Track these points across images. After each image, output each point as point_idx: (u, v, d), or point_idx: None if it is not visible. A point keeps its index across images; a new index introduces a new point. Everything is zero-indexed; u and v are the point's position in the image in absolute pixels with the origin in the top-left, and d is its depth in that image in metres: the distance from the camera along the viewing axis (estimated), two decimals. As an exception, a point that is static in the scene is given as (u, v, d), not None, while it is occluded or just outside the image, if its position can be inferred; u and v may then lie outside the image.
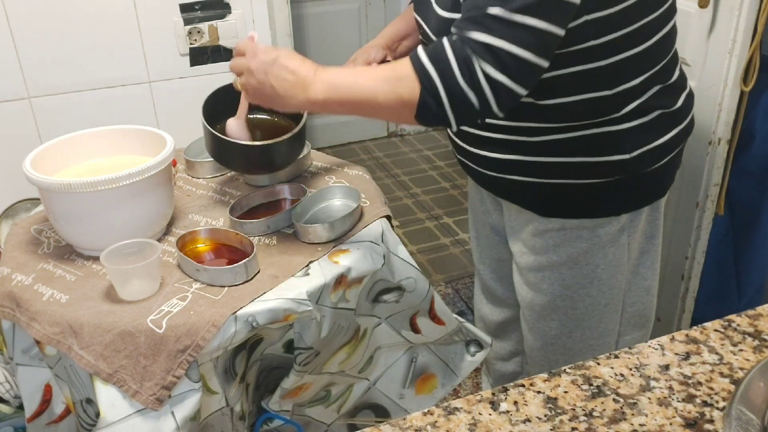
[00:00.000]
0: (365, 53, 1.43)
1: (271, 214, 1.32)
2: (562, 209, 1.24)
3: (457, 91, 0.99)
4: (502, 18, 0.97)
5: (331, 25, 3.55)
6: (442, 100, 1.00)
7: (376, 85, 1.04)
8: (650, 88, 1.17)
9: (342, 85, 1.06)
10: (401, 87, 1.03)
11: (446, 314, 1.40)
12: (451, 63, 0.99)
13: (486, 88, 0.99)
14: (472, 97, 0.99)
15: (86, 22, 1.73)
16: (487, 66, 0.98)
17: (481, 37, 0.98)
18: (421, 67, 1.01)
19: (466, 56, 0.98)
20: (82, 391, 1.15)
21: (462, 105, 1.00)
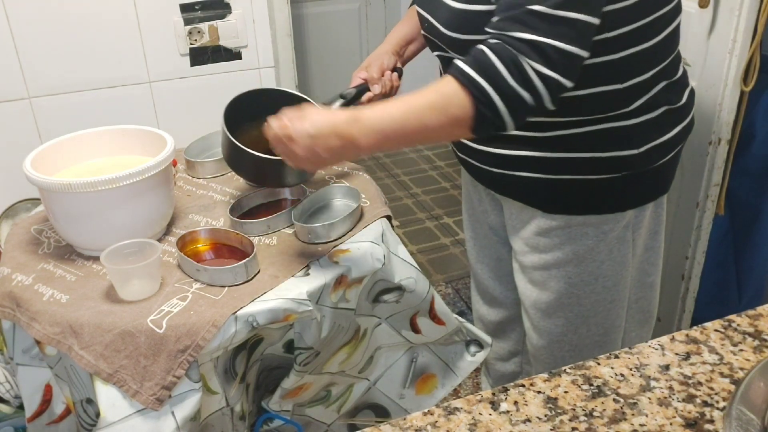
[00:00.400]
0: (378, 60, 1.41)
1: (271, 214, 1.32)
2: (567, 206, 1.24)
3: (512, 93, 0.99)
4: (544, 14, 0.97)
5: (331, 25, 3.55)
6: (498, 106, 0.99)
7: (425, 115, 1.02)
8: (657, 84, 1.18)
9: (389, 128, 1.02)
10: (451, 108, 1.01)
11: (446, 314, 1.40)
12: (499, 67, 0.98)
13: (539, 84, 0.99)
14: (527, 96, 0.99)
15: (86, 22, 1.73)
16: (535, 63, 0.98)
17: (525, 35, 0.98)
18: (469, 79, 1.00)
19: (513, 57, 0.98)
20: (83, 391, 1.15)
21: (518, 106, 1.00)
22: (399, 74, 1.44)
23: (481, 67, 0.99)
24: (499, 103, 0.99)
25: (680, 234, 1.86)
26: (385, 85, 1.40)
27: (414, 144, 1.09)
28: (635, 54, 1.12)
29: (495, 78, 0.98)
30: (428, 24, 1.22)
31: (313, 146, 1.02)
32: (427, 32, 1.25)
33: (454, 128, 1.03)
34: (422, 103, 1.02)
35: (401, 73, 1.44)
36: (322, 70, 3.57)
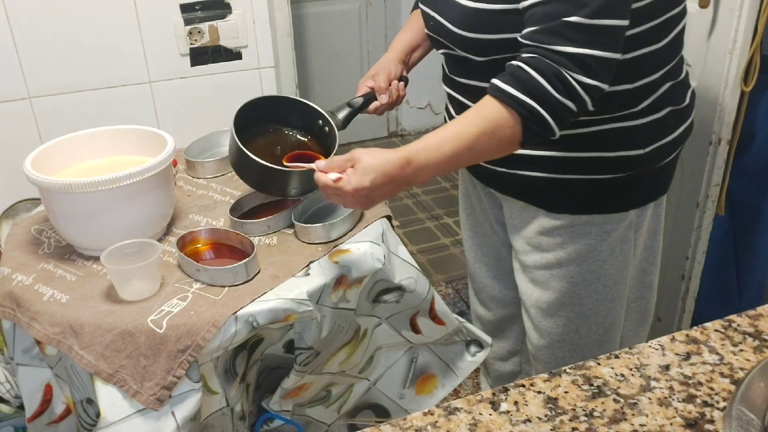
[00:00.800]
0: (386, 70, 1.41)
1: (271, 214, 1.32)
2: (572, 205, 1.24)
3: (559, 106, 1.02)
4: (582, 24, 0.99)
5: (331, 25, 3.55)
6: (547, 120, 1.03)
7: (476, 145, 1.04)
8: (663, 84, 1.19)
9: (442, 164, 1.05)
10: (501, 131, 1.03)
11: (446, 314, 1.40)
12: (544, 84, 1.01)
13: (582, 94, 1.02)
14: (571, 105, 1.02)
15: (86, 22, 1.73)
16: (578, 75, 1.01)
17: (565, 48, 1.00)
18: (514, 99, 1.02)
19: (555, 71, 1.00)
20: (83, 391, 1.15)
21: (564, 115, 1.03)
22: (405, 83, 1.44)
23: (524, 85, 1.02)
24: (548, 118, 1.02)
25: (680, 234, 1.86)
26: (392, 94, 1.41)
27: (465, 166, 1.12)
28: (646, 55, 1.13)
29: (540, 94, 1.01)
30: (435, 22, 1.22)
31: (369, 195, 1.04)
32: (432, 31, 1.25)
33: (503, 147, 1.07)
34: (471, 132, 1.04)
35: (407, 82, 1.45)
36: (322, 70, 3.57)
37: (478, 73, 1.20)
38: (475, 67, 1.19)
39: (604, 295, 1.31)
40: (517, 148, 1.07)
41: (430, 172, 1.05)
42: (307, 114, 1.39)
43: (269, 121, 1.41)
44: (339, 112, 1.38)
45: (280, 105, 1.41)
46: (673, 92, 1.21)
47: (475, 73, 1.21)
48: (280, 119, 1.41)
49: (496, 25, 1.10)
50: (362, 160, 1.03)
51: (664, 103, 1.20)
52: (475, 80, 1.23)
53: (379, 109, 1.42)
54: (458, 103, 1.29)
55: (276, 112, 1.41)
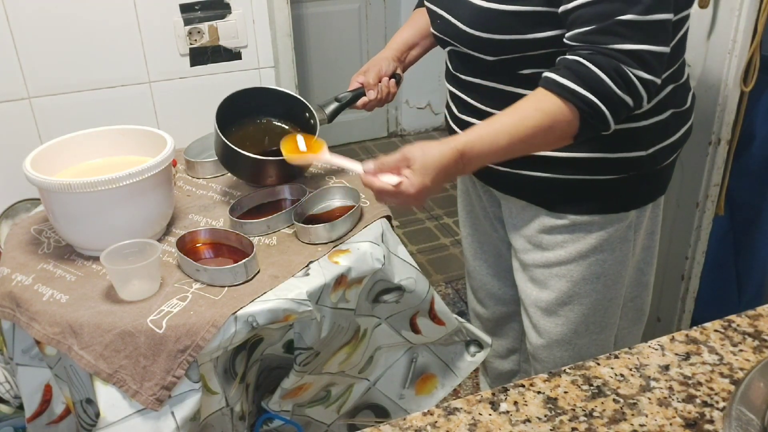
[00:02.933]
0: (377, 66, 1.42)
1: (271, 214, 1.32)
2: (573, 205, 1.25)
3: (618, 101, 1.02)
4: (636, 21, 0.99)
5: (331, 25, 3.55)
6: (606, 115, 1.03)
7: (531, 139, 1.05)
8: (666, 87, 1.19)
9: (495, 156, 1.07)
10: (558, 125, 1.04)
11: (446, 314, 1.40)
12: (605, 79, 1.01)
13: (641, 89, 1.03)
14: (629, 101, 1.03)
15: (86, 22, 1.73)
16: (637, 71, 1.01)
17: (623, 45, 1.00)
18: (573, 94, 1.02)
19: (616, 66, 1.01)
20: (82, 391, 1.15)
21: (622, 110, 1.04)
22: (397, 81, 1.44)
23: (585, 80, 1.02)
24: (606, 113, 1.03)
25: (680, 234, 1.86)
26: (381, 91, 1.41)
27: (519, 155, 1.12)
28: None
29: (601, 89, 1.01)
30: (443, 21, 1.22)
31: (430, 193, 1.05)
32: (440, 30, 1.24)
33: (557, 141, 1.08)
34: (528, 125, 1.05)
35: (399, 80, 1.45)
36: (322, 70, 3.57)
37: (485, 71, 1.21)
38: (482, 65, 1.19)
39: (604, 294, 1.31)
40: (569, 143, 1.08)
41: (481, 163, 1.07)
42: (294, 106, 1.42)
43: (256, 114, 1.43)
44: (327, 107, 1.41)
45: (266, 98, 1.44)
46: (675, 94, 1.22)
47: (482, 71, 1.21)
48: (267, 112, 1.44)
49: (508, 25, 1.10)
50: (418, 159, 1.03)
51: (666, 105, 1.20)
52: (481, 79, 1.23)
53: (368, 105, 1.43)
54: (461, 102, 1.29)
55: (262, 106, 1.43)
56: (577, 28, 1.03)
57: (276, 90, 1.47)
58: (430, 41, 1.44)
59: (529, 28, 1.09)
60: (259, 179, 1.40)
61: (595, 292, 1.30)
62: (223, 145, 1.32)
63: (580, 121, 1.04)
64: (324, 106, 1.41)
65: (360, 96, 1.43)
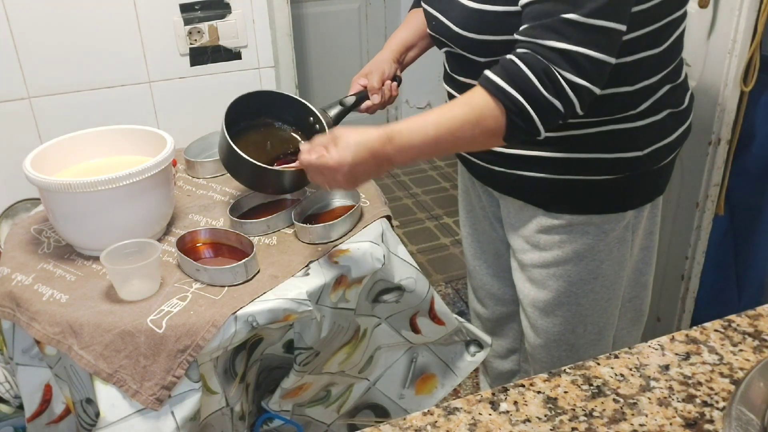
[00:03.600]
0: (379, 70, 1.41)
1: (271, 214, 1.32)
2: (570, 205, 1.25)
3: (544, 103, 1.01)
4: (578, 23, 0.98)
5: (331, 25, 3.55)
6: (531, 115, 1.01)
7: (458, 130, 1.04)
8: (663, 87, 1.19)
9: (423, 144, 1.05)
10: (485, 121, 1.03)
11: (446, 314, 1.40)
12: (532, 78, 1.00)
13: (570, 93, 1.00)
14: (558, 105, 1.01)
15: (86, 22, 1.73)
16: (566, 73, 0.99)
17: (558, 44, 0.99)
18: (500, 90, 1.01)
19: (545, 67, 0.99)
20: (82, 391, 1.15)
21: (550, 114, 1.02)
22: (398, 83, 1.44)
23: (513, 77, 1.01)
24: (532, 113, 1.01)
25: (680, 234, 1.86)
26: (384, 94, 1.41)
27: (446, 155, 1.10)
28: (646, 58, 1.14)
29: (528, 89, 1.00)
30: (437, 22, 1.22)
31: (352, 171, 1.03)
32: (434, 30, 1.25)
33: (486, 139, 1.06)
34: (455, 117, 1.04)
35: (400, 82, 1.45)
36: (322, 70, 3.57)
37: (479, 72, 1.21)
38: (476, 66, 1.19)
39: (601, 294, 1.31)
40: (500, 143, 1.06)
41: (411, 153, 1.05)
42: (299, 110, 1.39)
43: (260, 117, 1.41)
44: (330, 110, 1.39)
45: (272, 101, 1.41)
46: (672, 95, 1.22)
47: (476, 72, 1.21)
48: (271, 115, 1.42)
49: (497, 26, 1.10)
50: (343, 136, 1.04)
51: (663, 106, 1.20)
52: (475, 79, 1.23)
53: (371, 109, 1.42)
54: None
55: (268, 108, 1.41)
56: (525, 24, 1.03)
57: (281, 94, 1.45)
58: (427, 42, 1.44)
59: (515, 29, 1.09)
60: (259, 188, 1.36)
61: (592, 292, 1.30)
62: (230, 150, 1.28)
63: (506, 119, 1.02)
64: (327, 110, 1.40)
65: (363, 99, 1.41)
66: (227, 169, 1.34)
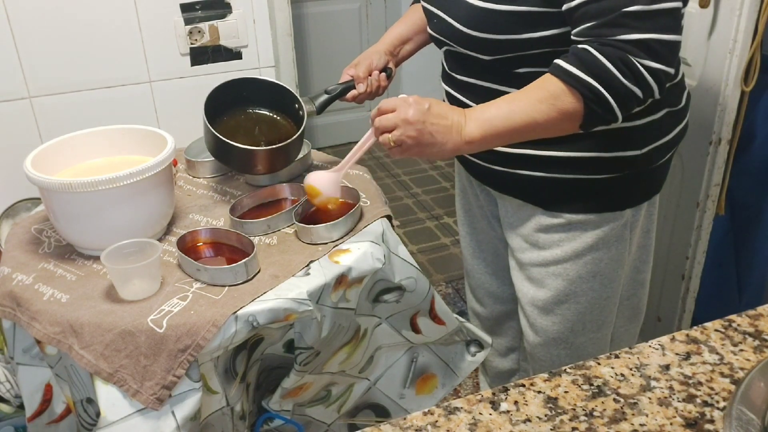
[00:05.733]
0: (367, 60, 1.43)
1: (271, 214, 1.32)
2: (569, 204, 1.25)
3: (624, 91, 1.02)
4: (643, 12, 0.99)
5: (332, 25, 3.55)
6: (611, 104, 1.03)
7: (533, 108, 1.05)
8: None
9: (496, 116, 1.07)
10: (560, 103, 1.04)
11: (446, 314, 1.40)
12: (610, 68, 1.01)
13: (649, 79, 1.02)
14: (637, 91, 1.03)
15: (87, 22, 1.73)
16: (644, 60, 1.01)
17: (630, 36, 1.00)
18: (577, 80, 1.03)
19: (622, 56, 1.00)
20: (83, 391, 1.15)
21: (629, 101, 1.04)
22: (388, 75, 1.45)
23: (589, 67, 1.02)
24: (611, 101, 1.03)
25: (680, 234, 1.86)
26: (371, 84, 1.42)
27: (520, 138, 1.11)
28: None
29: (608, 79, 1.01)
30: (439, 20, 1.22)
31: (425, 120, 1.07)
32: (436, 30, 1.24)
33: (563, 122, 1.06)
34: (529, 97, 1.06)
35: (390, 74, 1.46)
36: (322, 70, 3.57)
37: (481, 71, 1.21)
38: (478, 65, 1.19)
39: (600, 293, 1.31)
40: (576, 129, 1.07)
41: (483, 126, 1.07)
42: (284, 97, 1.44)
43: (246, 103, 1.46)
44: (317, 99, 1.42)
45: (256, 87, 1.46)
46: (669, 94, 1.21)
47: (478, 71, 1.22)
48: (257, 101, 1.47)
49: (505, 25, 1.10)
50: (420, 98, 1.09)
51: (661, 105, 1.20)
52: (476, 78, 1.23)
53: (357, 98, 1.44)
54: (457, 102, 1.30)
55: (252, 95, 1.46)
56: (584, 24, 1.03)
57: (265, 80, 1.48)
58: (424, 37, 1.44)
59: (526, 28, 1.09)
60: (249, 169, 1.41)
61: (591, 290, 1.31)
62: (212, 135, 1.34)
63: (584, 107, 1.04)
64: (314, 98, 1.43)
65: (350, 89, 1.44)
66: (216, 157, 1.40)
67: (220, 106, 1.40)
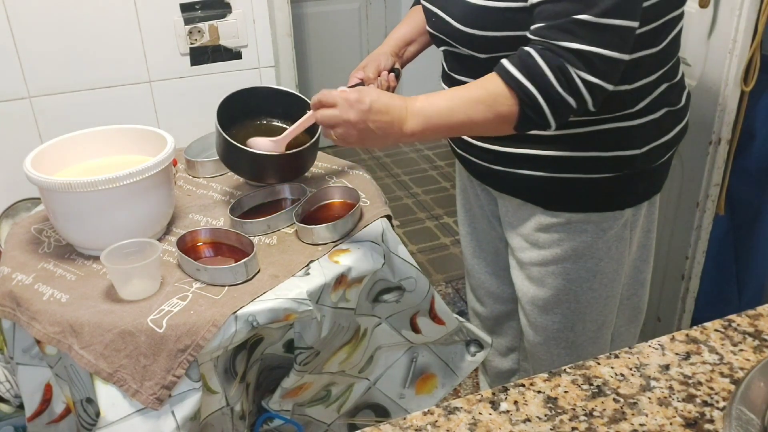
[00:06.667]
0: (375, 61, 1.42)
1: (271, 214, 1.32)
2: (568, 203, 1.25)
3: (557, 98, 1.03)
4: (590, 23, 1.00)
5: (332, 25, 3.55)
6: (543, 109, 1.04)
7: (472, 108, 1.07)
8: (660, 86, 1.20)
9: (437, 114, 1.09)
10: (498, 105, 1.05)
11: (446, 314, 1.40)
12: (547, 73, 1.02)
13: (584, 91, 1.03)
14: (571, 101, 1.03)
15: (87, 21, 1.73)
16: (581, 72, 1.01)
17: (572, 44, 1.01)
18: (516, 82, 1.04)
19: (560, 65, 1.01)
20: (83, 391, 1.15)
21: (562, 109, 1.04)
22: (396, 75, 1.44)
23: (529, 71, 1.03)
24: (544, 107, 1.03)
25: (680, 234, 1.86)
26: (381, 85, 1.41)
27: (458, 134, 1.13)
28: (645, 56, 1.14)
29: (542, 83, 1.02)
30: (437, 19, 1.22)
31: (366, 121, 1.07)
32: (434, 28, 1.25)
33: (498, 124, 1.08)
34: (469, 96, 1.07)
35: (398, 74, 1.45)
36: (322, 70, 3.57)
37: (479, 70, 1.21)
38: (476, 64, 1.19)
39: (600, 292, 1.31)
40: (510, 131, 1.08)
41: (422, 122, 1.08)
42: (294, 104, 1.43)
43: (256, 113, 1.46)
44: None
45: (268, 96, 1.45)
46: (669, 93, 1.22)
47: (476, 70, 1.21)
48: (266, 111, 1.46)
49: (500, 22, 1.11)
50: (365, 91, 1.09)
51: (660, 104, 1.21)
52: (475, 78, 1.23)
53: None
54: None
55: (264, 104, 1.45)
56: (538, 23, 1.04)
57: (275, 89, 1.48)
58: (426, 38, 1.45)
59: (518, 25, 1.09)
60: (261, 177, 1.40)
61: (591, 290, 1.31)
62: (225, 142, 1.33)
63: (519, 111, 1.05)
64: None
65: None
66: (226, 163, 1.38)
67: (231, 116, 1.39)
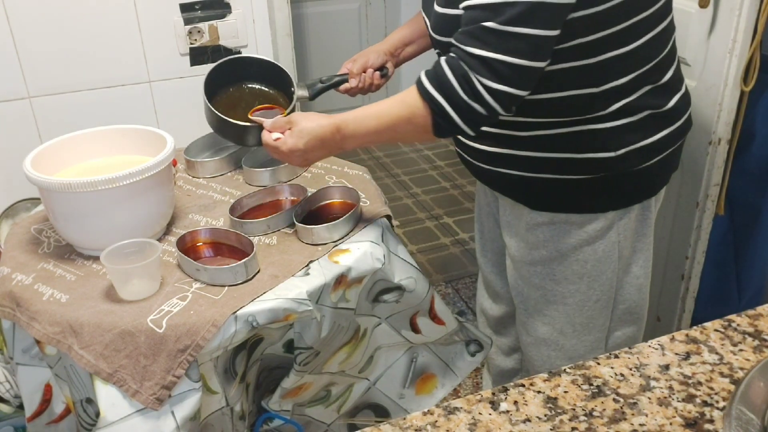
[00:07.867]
0: (364, 57, 1.49)
1: (271, 214, 1.32)
2: (550, 203, 1.25)
3: (464, 106, 1.06)
4: (495, 30, 1.01)
5: (331, 25, 3.55)
6: (453, 117, 1.08)
7: (394, 126, 1.15)
8: (640, 88, 1.17)
9: (366, 134, 1.17)
10: (416, 119, 1.12)
11: (446, 314, 1.40)
12: (452, 82, 1.06)
13: (488, 98, 1.05)
14: (479, 108, 1.06)
15: (86, 21, 1.73)
16: (484, 79, 1.04)
17: (476, 50, 1.03)
18: (427, 93, 1.09)
19: (464, 73, 1.05)
20: (82, 391, 1.15)
21: (471, 116, 1.08)
22: (383, 74, 1.48)
23: (439, 82, 1.08)
24: (453, 115, 1.08)
25: (680, 234, 1.86)
26: (364, 81, 1.48)
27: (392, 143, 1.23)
28: (612, 59, 1.12)
29: (449, 93, 1.07)
30: (426, 26, 1.27)
31: (305, 156, 1.20)
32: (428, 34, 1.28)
33: (419, 135, 1.15)
34: (392, 114, 1.15)
35: (386, 74, 1.49)
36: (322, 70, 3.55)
37: None
38: None
39: (587, 294, 1.30)
40: (433, 138, 1.14)
41: (357, 142, 1.19)
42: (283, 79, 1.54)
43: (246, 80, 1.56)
44: (312, 86, 1.52)
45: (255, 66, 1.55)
46: (652, 96, 1.18)
47: None
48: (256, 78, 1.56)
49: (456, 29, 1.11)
50: (299, 123, 1.19)
51: (640, 107, 1.17)
52: None
53: (349, 92, 1.52)
54: None
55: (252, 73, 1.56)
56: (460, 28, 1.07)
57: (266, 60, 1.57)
58: (427, 40, 1.46)
59: None
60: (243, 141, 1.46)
61: (578, 292, 1.30)
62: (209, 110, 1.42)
63: (432, 121, 1.10)
64: (310, 85, 1.51)
65: (344, 81, 1.50)
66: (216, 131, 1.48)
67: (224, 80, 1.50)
